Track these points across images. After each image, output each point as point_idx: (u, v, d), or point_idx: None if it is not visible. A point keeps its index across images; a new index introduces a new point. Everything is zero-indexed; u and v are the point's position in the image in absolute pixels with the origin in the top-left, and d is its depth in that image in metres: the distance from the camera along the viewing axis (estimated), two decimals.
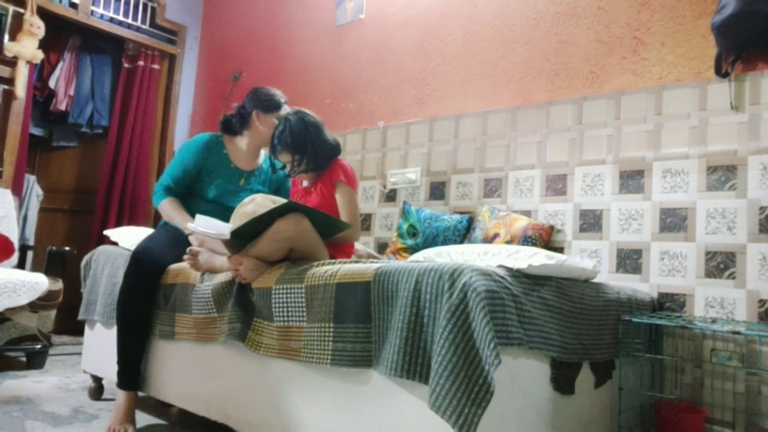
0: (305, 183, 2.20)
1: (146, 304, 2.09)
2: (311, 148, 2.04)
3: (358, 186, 2.18)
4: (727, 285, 2.00)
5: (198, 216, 1.90)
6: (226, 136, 2.42)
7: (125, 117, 4.20)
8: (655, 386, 2.03)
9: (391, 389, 1.40)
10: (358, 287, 1.48)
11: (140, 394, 2.17)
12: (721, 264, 2.03)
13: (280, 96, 2.39)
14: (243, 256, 1.74)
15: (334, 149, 2.12)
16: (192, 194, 2.36)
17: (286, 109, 2.37)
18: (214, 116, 4.26)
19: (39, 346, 2.95)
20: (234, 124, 2.40)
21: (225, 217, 2.02)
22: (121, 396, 2.06)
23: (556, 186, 2.48)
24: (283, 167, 2.15)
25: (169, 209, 2.26)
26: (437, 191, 2.88)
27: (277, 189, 2.52)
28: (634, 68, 2.34)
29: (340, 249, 2.08)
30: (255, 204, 1.91)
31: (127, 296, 2.08)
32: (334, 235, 1.93)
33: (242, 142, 2.41)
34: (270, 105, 2.35)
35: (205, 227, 1.82)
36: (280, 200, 1.89)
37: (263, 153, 2.51)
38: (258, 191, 2.39)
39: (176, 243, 2.17)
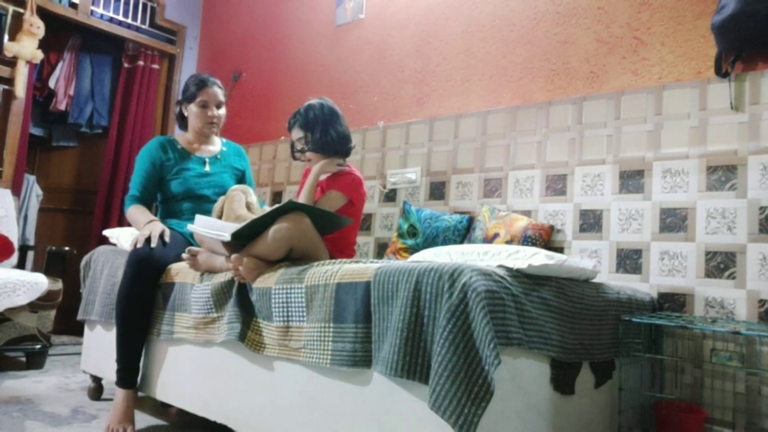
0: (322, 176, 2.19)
1: (146, 303, 2.09)
2: (321, 128, 2.09)
3: (359, 194, 2.15)
4: (727, 285, 2.00)
5: (198, 216, 1.92)
6: (178, 135, 2.51)
7: (125, 117, 4.20)
8: (655, 386, 2.03)
9: (391, 389, 1.40)
10: (358, 287, 1.48)
11: (140, 394, 2.17)
12: (721, 264, 2.03)
13: (200, 80, 2.39)
14: (243, 255, 1.74)
15: (343, 139, 2.14)
16: (165, 200, 2.42)
17: (210, 92, 2.37)
18: None
19: (38, 346, 2.95)
20: (180, 121, 2.51)
21: (199, 208, 2.21)
22: (120, 394, 2.06)
23: (556, 186, 2.48)
24: (294, 146, 2.19)
25: (134, 213, 2.30)
26: (437, 191, 2.88)
27: (242, 177, 2.59)
28: (634, 68, 2.34)
29: (340, 249, 2.08)
30: (236, 202, 2.00)
31: (127, 295, 2.06)
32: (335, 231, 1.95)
33: (189, 136, 2.50)
34: (190, 93, 2.40)
35: (205, 227, 1.82)
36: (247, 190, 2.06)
37: (220, 140, 2.57)
38: (223, 175, 2.45)
39: (175, 243, 2.17)
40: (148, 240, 2.10)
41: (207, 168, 2.43)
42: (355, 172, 2.17)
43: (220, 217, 2.01)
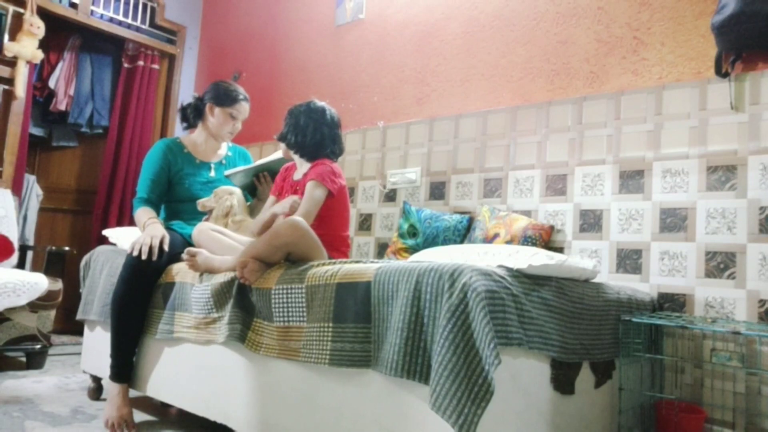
0: (296, 176, 2.18)
1: (141, 304, 2.11)
2: (285, 124, 2.16)
3: (335, 184, 2.05)
4: (727, 285, 2.00)
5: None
6: (183, 137, 2.50)
7: (125, 117, 4.20)
8: (655, 386, 2.03)
9: (391, 389, 1.40)
10: (358, 287, 1.48)
11: (140, 394, 2.17)
12: (721, 264, 2.03)
13: (238, 93, 2.41)
14: (246, 259, 1.75)
15: (300, 140, 2.11)
16: (169, 201, 2.42)
17: (243, 107, 2.42)
18: None
19: (38, 346, 2.95)
20: (188, 115, 2.46)
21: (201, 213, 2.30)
22: (114, 388, 2.10)
23: (556, 186, 2.47)
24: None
25: (139, 213, 2.30)
26: (437, 191, 2.88)
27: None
28: (634, 68, 2.34)
29: (335, 248, 2.07)
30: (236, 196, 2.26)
31: (123, 296, 2.09)
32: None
33: (199, 136, 2.48)
34: (224, 99, 2.39)
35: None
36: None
37: (225, 145, 2.57)
38: (228, 180, 2.46)
39: (174, 244, 2.17)
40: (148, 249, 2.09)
41: (212, 174, 2.45)
42: (328, 163, 2.08)
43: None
